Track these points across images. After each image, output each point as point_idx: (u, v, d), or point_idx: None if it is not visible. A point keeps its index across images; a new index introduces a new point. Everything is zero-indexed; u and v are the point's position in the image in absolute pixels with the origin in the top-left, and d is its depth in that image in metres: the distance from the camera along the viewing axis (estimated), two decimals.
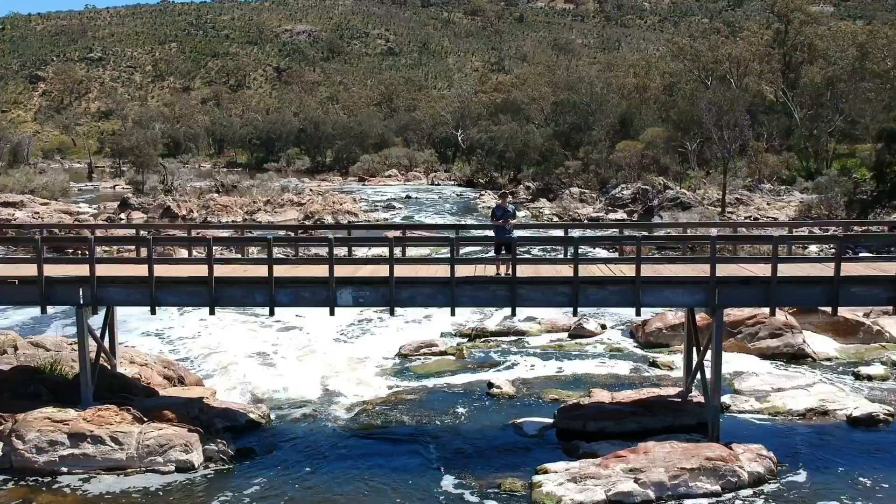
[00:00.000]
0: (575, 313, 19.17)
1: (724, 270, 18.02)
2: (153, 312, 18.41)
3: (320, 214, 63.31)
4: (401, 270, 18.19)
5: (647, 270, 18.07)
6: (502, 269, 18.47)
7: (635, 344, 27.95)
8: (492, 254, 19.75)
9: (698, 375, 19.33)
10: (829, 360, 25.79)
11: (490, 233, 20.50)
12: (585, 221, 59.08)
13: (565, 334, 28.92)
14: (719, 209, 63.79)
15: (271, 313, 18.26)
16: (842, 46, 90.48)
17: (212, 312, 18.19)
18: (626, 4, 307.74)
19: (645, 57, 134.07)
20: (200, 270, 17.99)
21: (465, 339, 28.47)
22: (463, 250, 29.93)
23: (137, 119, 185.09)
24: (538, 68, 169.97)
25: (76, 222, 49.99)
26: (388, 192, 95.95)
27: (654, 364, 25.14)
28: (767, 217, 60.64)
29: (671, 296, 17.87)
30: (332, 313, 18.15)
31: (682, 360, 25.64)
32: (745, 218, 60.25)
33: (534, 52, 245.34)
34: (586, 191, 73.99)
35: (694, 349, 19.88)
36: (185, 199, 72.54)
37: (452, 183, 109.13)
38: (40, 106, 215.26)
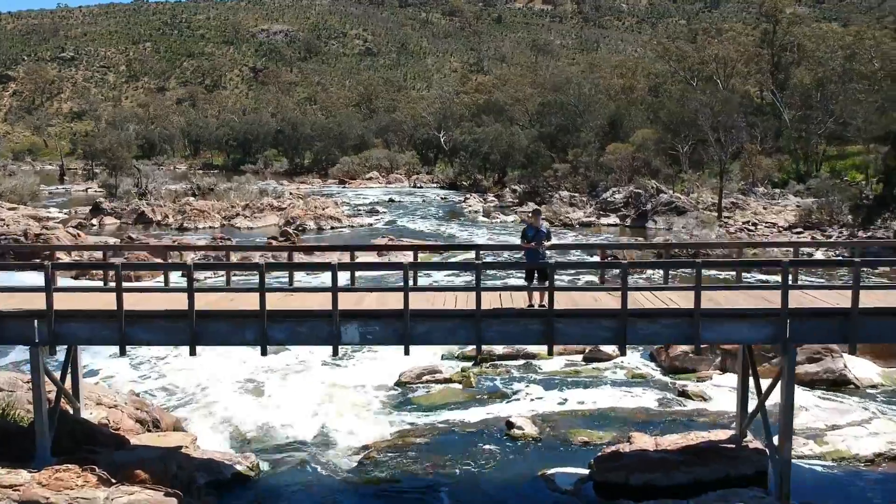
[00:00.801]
0: (623, 351, 16.34)
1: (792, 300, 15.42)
2: (123, 353, 15.64)
3: (302, 220, 60.55)
4: (415, 300, 15.51)
5: (702, 299, 15.46)
6: (535, 298, 15.82)
7: (657, 368, 25.45)
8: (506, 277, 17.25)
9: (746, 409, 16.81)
10: (873, 387, 23.44)
11: (499, 254, 17.85)
12: (607, 241, 56.67)
13: (579, 357, 26.33)
14: (716, 214, 61.65)
15: (263, 353, 15.28)
16: (832, 48, 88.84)
17: (192, 352, 15.24)
18: (603, 6, 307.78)
19: (632, 57, 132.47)
20: (179, 301, 15.19)
21: (470, 364, 25.80)
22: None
23: (111, 120, 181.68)
24: (519, 69, 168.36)
25: (35, 241, 46.73)
26: (369, 195, 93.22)
27: (683, 394, 22.62)
28: (767, 221, 58.50)
29: (734, 330, 15.13)
30: (335, 353, 15.47)
31: (711, 387, 23.44)
32: (744, 223, 58.14)
33: (512, 52, 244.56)
34: (576, 194, 71.68)
35: (744, 383, 17.37)
36: (160, 204, 69.60)
37: (435, 185, 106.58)
38: (11, 106, 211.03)
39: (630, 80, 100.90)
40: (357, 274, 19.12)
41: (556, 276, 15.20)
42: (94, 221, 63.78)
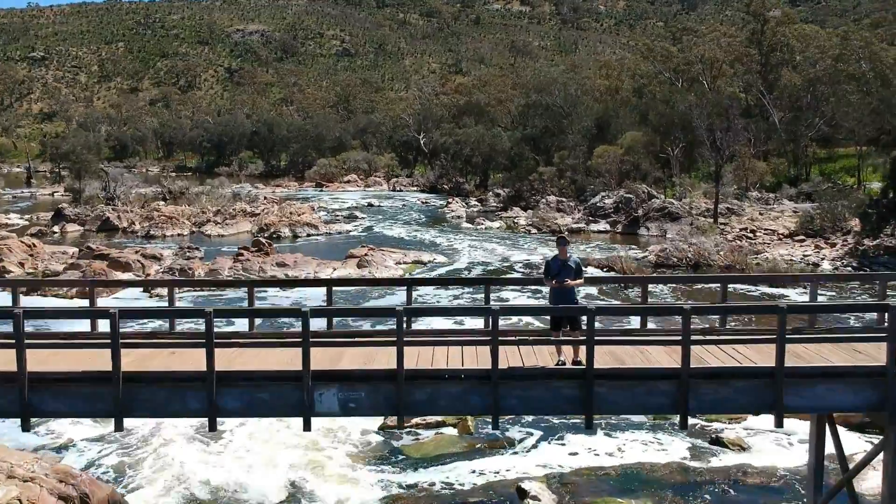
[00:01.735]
0: (684, 424, 12.29)
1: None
2: (26, 428, 11.95)
3: (276, 227, 57.08)
4: (411, 356, 12.20)
5: (773, 353, 12.00)
6: (565, 351, 12.41)
7: None
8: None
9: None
10: None
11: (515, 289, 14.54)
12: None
13: None
14: (711, 220, 58.62)
15: (212, 427, 11.80)
16: (822, 48, 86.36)
17: (119, 427, 11.68)
18: (581, 7, 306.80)
19: (617, 57, 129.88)
20: (102, 359, 11.51)
21: None
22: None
23: (82, 121, 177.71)
24: (499, 70, 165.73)
25: None
26: (347, 199, 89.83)
27: (718, 442, 19.35)
28: (765, 228, 55.47)
29: (826, 395, 11.70)
30: (306, 426, 11.83)
31: (747, 431, 20.19)
32: (742, 230, 55.13)
33: (491, 53, 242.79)
34: (563, 199, 68.54)
35: (818, 453, 14.04)
36: (128, 209, 65.85)
37: (415, 189, 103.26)
38: None
39: (615, 80, 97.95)
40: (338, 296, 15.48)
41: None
42: (56, 229, 60.16)
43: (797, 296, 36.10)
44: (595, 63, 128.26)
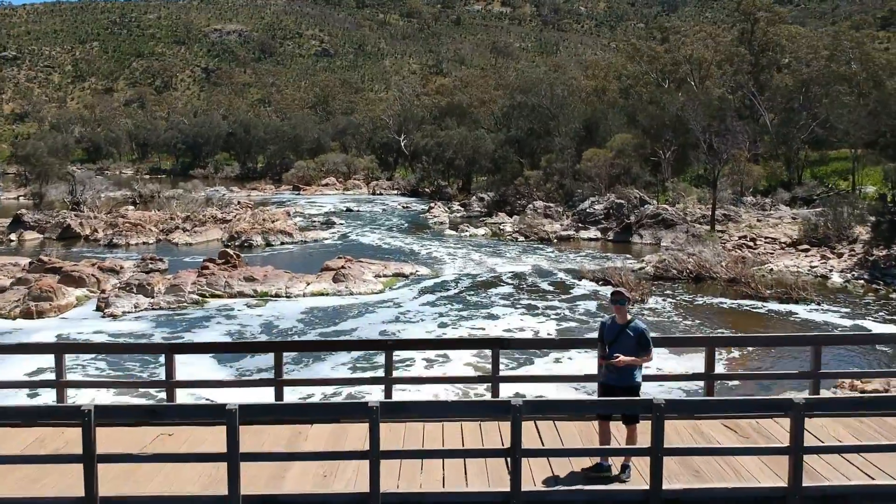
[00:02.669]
0: None
1: None
2: None
3: (248, 234, 53.78)
4: (389, 473, 8.56)
5: None
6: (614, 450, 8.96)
7: None
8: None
9: None
10: None
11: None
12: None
13: None
14: (707, 227, 55.88)
15: None
16: (815, 48, 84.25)
17: None
18: (562, 9, 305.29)
19: (603, 58, 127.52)
20: None
21: None
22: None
23: (55, 122, 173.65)
24: (481, 71, 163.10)
25: None
26: (325, 203, 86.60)
27: None
28: (765, 236, 52.71)
29: None
30: None
31: None
32: (741, 238, 52.36)
33: (472, 54, 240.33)
34: (551, 205, 65.53)
35: None
36: (91, 216, 62.50)
37: (395, 192, 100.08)
38: None
39: (602, 81, 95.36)
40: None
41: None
42: (13, 237, 56.67)
43: (807, 313, 33.36)
44: (579, 64, 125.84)
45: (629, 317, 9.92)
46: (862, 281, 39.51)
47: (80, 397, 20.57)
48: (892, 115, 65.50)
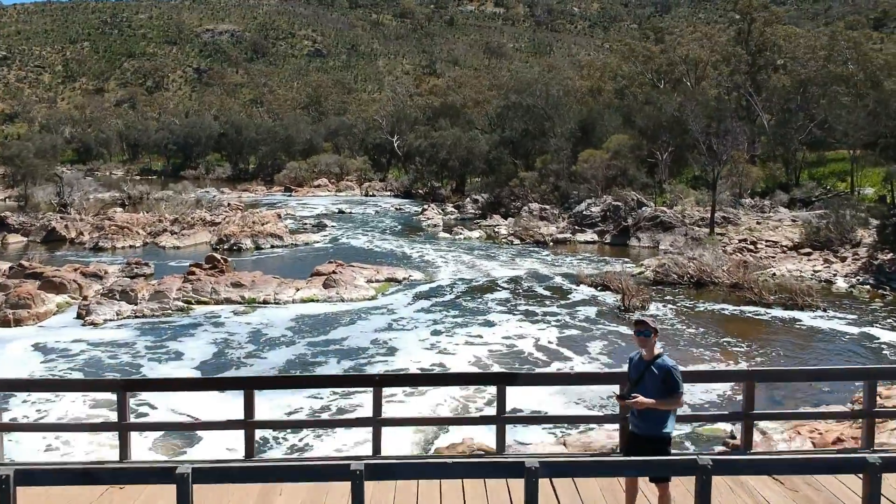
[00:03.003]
0: None
1: None
2: None
3: (237, 237, 52.50)
4: None
5: None
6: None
7: None
8: None
9: None
10: None
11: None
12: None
13: None
14: (706, 229, 54.74)
15: None
16: (813, 48, 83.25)
17: None
18: (556, 9, 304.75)
19: (599, 57, 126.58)
20: None
21: None
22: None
23: (45, 122, 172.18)
24: (475, 71, 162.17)
25: None
26: (317, 204, 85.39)
27: None
28: (766, 239, 51.57)
29: None
30: None
31: None
32: (741, 241, 51.22)
33: (465, 55, 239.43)
34: (547, 207, 64.39)
35: None
36: (77, 218, 61.14)
37: (388, 193, 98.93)
38: None
39: (597, 81, 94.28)
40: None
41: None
42: None
43: (812, 320, 32.25)
44: (573, 64, 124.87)
45: (657, 350, 8.57)
46: (868, 286, 38.42)
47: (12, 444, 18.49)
48: (893, 116, 64.47)
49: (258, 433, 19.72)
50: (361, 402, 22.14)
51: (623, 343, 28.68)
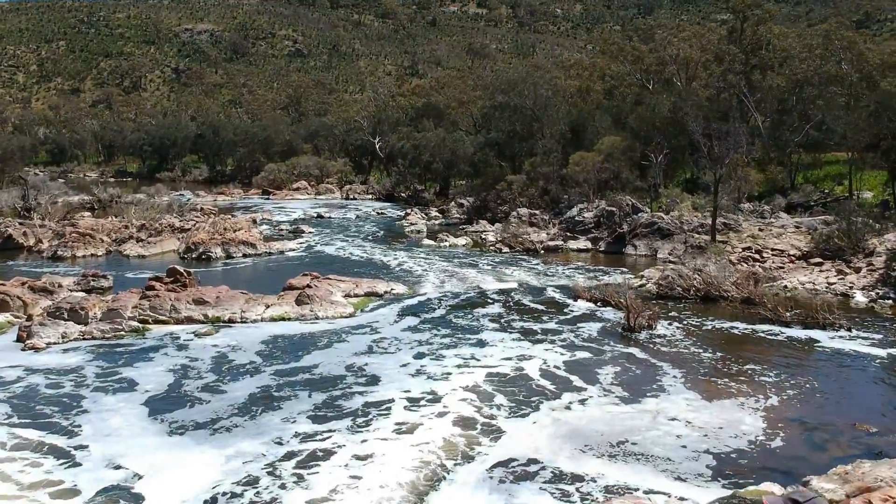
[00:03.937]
0: None
1: None
2: None
3: (207, 245, 48.92)
4: None
5: None
6: None
7: None
8: None
9: None
10: None
11: None
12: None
13: None
14: (706, 236, 51.59)
15: None
16: (809, 46, 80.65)
17: None
18: (538, 11, 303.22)
19: (587, 57, 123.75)
20: None
21: None
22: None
23: (18, 123, 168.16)
24: (458, 72, 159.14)
25: None
26: (295, 208, 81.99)
27: None
28: (771, 248, 48.43)
29: None
30: None
31: None
32: (745, 250, 48.07)
33: (448, 56, 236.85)
34: (536, 212, 61.18)
35: None
36: (41, 223, 57.47)
37: (370, 197, 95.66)
38: None
39: (586, 81, 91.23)
40: None
41: None
42: None
43: (831, 340, 29.09)
44: (557, 65, 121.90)
45: None
46: (889, 300, 35.31)
47: None
48: (895, 118, 61.73)
49: (214, 484, 16.72)
50: (337, 442, 19.02)
51: (635, 369, 25.51)
